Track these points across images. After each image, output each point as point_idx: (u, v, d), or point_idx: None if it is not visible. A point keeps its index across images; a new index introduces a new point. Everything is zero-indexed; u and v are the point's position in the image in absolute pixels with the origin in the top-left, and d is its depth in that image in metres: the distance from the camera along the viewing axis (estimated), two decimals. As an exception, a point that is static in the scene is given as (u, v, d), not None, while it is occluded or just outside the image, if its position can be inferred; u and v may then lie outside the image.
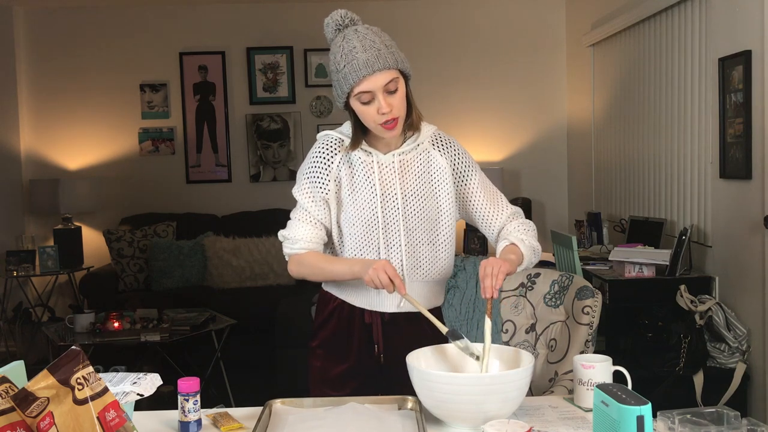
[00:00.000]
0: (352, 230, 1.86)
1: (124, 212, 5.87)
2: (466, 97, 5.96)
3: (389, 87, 1.74)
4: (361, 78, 1.71)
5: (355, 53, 1.71)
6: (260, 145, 6.00)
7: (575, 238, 3.75)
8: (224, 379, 4.23)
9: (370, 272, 1.70)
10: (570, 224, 5.74)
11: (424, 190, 1.88)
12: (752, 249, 3.19)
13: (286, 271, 1.93)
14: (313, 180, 1.87)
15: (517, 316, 2.52)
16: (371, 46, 1.72)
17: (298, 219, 1.89)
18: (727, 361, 3.26)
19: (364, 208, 1.85)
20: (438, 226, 1.89)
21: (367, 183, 1.85)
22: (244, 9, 5.93)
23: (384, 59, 1.72)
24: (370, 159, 1.86)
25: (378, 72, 1.71)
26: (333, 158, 1.86)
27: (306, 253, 1.88)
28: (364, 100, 1.75)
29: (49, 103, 5.90)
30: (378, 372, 1.92)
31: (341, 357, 1.93)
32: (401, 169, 1.87)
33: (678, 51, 3.98)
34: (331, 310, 1.95)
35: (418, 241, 1.88)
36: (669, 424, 1.44)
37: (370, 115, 1.76)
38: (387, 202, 1.86)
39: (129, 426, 1.27)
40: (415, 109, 1.85)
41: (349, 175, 1.86)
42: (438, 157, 1.90)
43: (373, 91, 1.73)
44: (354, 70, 1.71)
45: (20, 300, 5.54)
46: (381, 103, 1.74)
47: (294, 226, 1.89)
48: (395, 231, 1.86)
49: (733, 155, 3.31)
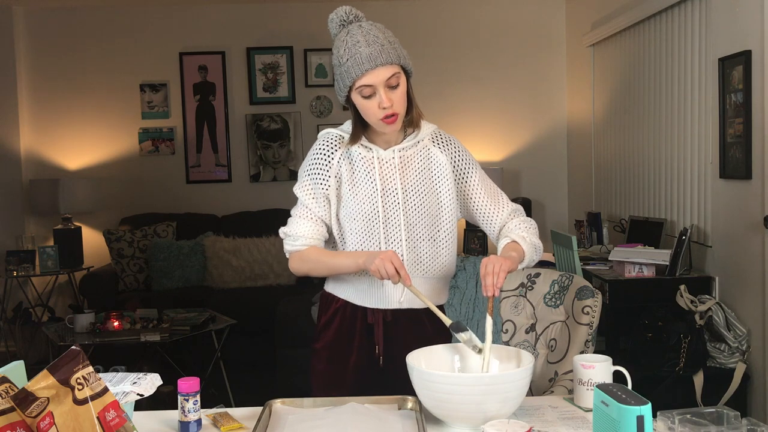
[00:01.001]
0: (353, 225, 1.86)
1: (124, 212, 5.87)
2: (466, 97, 5.96)
3: (391, 82, 1.76)
4: (363, 72, 1.73)
5: (359, 47, 1.73)
6: (260, 145, 6.00)
7: (575, 238, 3.75)
8: (224, 379, 4.23)
9: (377, 262, 1.70)
10: (570, 224, 5.74)
11: (425, 186, 1.88)
12: (752, 249, 3.19)
13: (287, 271, 1.94)
14: (314, 177, 1.88)
15: (517, 316, 2.52)
16: (375, 41, 1.74)
17: (299, 216, 1.90)
18: (727, 361, 3.26)
19: (364, 203, 1.85)
20: (439, 222, 1.90)
21: (368, 178, 1.86)
22: (244, 9, 5.93)
23: (387, 54, 1.74)
24: (370, 155, 1.87)
25: (380, 66, 1.73)
26: (333, 154, 1.87)
27: (308, 249, 1.88)
28: (365, 94, 1.76)
29: (49, 103, 5.90)
30: (377, 373, 1.92)
31: (343, 358, 1.93)
32: (401, 164, 1.88)
33: (678, 51, 3.98)
34: (333, 311, 1.94)
35: (418, 236, 1.88)
36: (669, 424, 1.44)
37: (370, 109, 1.77)
38: (387, 197, 1.86)
39: (129, 426, 1.27)
40: (416, 107, 1.87)
41: (350, 170, 1.87)
42: (438, 153, 1.91)
43: (375, 85, 1.75)
44: (357, 63, 1.73)
45: (20, 300, 5.54)
46: (382, 98, 1.75)
47: (295, 222, 1.90)
48: (396, 225, 1.86)
49: (733, 155, 3.31)
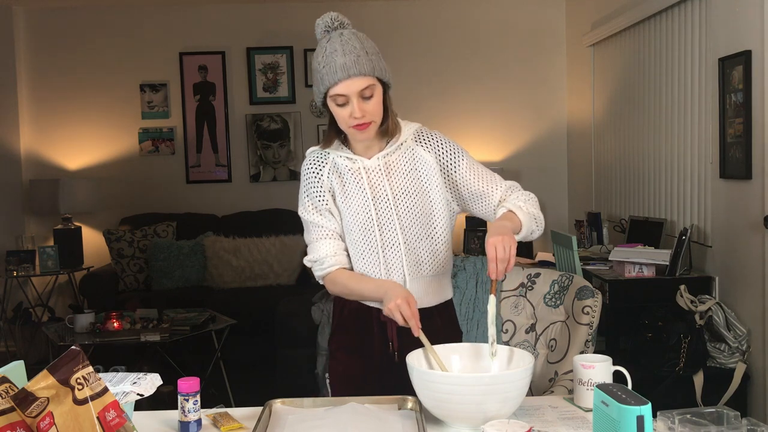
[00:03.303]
0: (351, 236, 1.89)
1: (124, 212, 5.87)
2: (466, 97, 5.96)
3: (364, 93, 1.76)
4: (336, 81, 1.74)
5: (335, 56, 1.74)
6: (260, 145, 6.00)
7: (575, 238, 3.74)
8: (224, 379, 4.23)
9: (391, 306, 1.72)
10: (570, 224, 5.74)
11: (414, 187, 1.90)
12: (752, 249, 3.19)
13: (287, 271, 1.95)
14: (312, 195, 1.91)
15: (517, 316, 2.52)
16: (351, 51, 1.74)
17: (314, 239, 1.92)
18: (727, 361, 3.26)
19: (358, 213, 1.88)
20: (432, 219, 1.91)
21: (358, 188, 1.88)
22: (244, 9, 5.93)
23: (361, 65, 1.74)
24: (356, 166, 1.89)
25: (354, 77, 1.74)
26: (322, 170, 1.90)
27: (336, 272, 1.90)
28: (339, 102, 1.78)
29: (49, 103, 5.90)
30: (395, 368, 1.92)
31: (360, 356, 1.94)
32: (387, 170, 1.90)
33: (678, 51, 3.98)
34: (347, 311, 1.96)
35: (415, 237, 1.89)
36: (669, 424, 1.44)
37: (342, 117, 1.80)
38: (379, 204, 1.88)
39: (129, 426, 1.27)
40: (392, 117, 1.87)
41: (340, 183, 1.90)
42: (422, 152, 1.92)
43: (348, 95, 1.76)
44: (331, 72, 1.74)
45: (20, 300, 5.54)
46: (354, 108, 1.76)
47: (315, 247, 1.92)
48: (391, 230, 1.88)
49: (733, 155, 3.31)
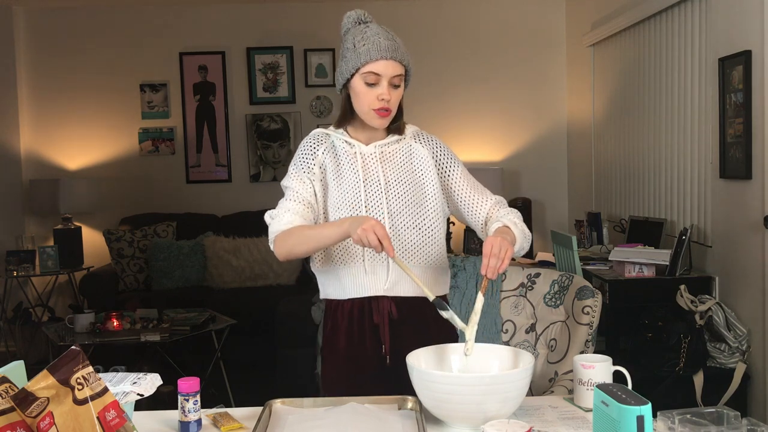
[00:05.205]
0: (337, 214, 1.90)
1: (124, 212, 5.87)
2: (466, 97, 5.96)
3: (394, 81, 1.85)
4: (377, 58, 1.82)
5: (379, 38, 1.84)
6: (260, 145, 6.00)
7: (575, 238, 3.74)
8: (224, 379, 4.23)
9: (359, 231, 1.68)
10: (570, 224, 5.74)
11: (408, 178, 1.93)
12: (752, 249, 3.19)
13: (287, 271, 1.95)
14: (299, 165, 1.96)
15: (517, 316, 2.52)
16: (393, 39, 1.86)
17: (285, 199, 1.95)
18: (727, 361, 3.26)
19: (348, 192, 1.90)
20: (424, 211, 1.92)
21: (351, 170, 1.93)
22: (244, 9, 5.93)
23: (401, 53, 1.86)
24: (352, 150, 1.95)
25: (393, 60, 1.83)
26: (318, 147, 1.97)
27: (293, 227, 1.89)
28: (369, 81, 1.84)
29: (49, 103, 5.90)
30: (386, 372, 1.92)
31: (353, 361, 1.94)
32: (382, 158, 1.95)
33: (678, 51, 3.98)
34: (338, 315, 1.95)
35: (402, 225, 1.90)
36: (669, 424, 1.44)
37: (368, 97, 1.85)
38: (370, 187, 1.91)
39: (129, 426, 1.27)
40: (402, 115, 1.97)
41: (334, 162, 1.94)
42: (419, 148, 1.97)
43: (382, 75, 1.83)
44: (373, 49, 1.82)
45: (20, 300, 5.54)
46: (384, 89, 1.84)
47: (282, 205, 1.94)
48: (379, 214, 1.90)
49: (733, 155, 3.31)
